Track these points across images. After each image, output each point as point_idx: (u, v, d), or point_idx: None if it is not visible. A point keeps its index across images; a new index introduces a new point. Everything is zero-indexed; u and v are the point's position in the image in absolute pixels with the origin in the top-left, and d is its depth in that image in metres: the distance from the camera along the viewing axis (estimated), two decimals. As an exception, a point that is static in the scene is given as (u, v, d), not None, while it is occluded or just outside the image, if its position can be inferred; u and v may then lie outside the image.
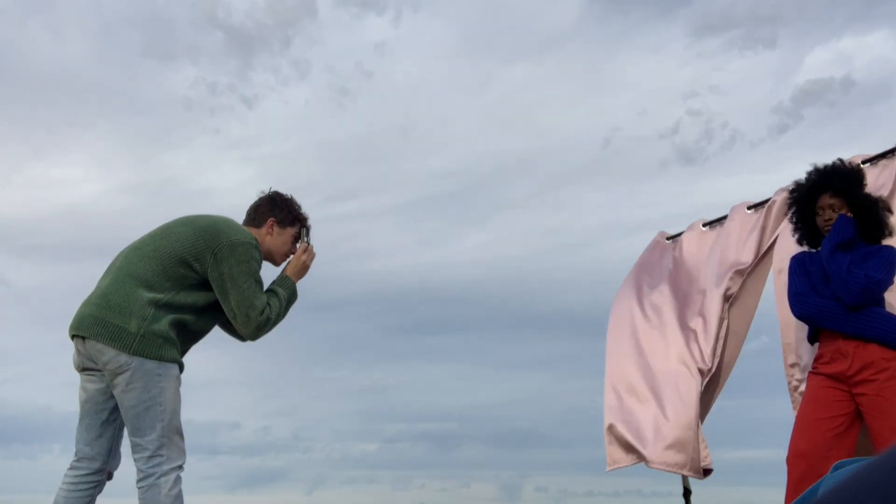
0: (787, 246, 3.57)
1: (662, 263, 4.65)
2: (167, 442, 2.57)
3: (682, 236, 4.64)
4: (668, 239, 4.81)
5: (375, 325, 11.37)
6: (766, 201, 4.05)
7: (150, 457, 2.55)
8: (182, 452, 2.63)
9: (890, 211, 3.14)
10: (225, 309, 2.74)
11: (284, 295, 2.89)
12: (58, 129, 11.16)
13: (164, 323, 2.62)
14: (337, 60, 11.45)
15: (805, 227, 3.22)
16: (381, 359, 11.43)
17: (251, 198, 3.04)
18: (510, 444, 10.59)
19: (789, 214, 3.32)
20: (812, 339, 3.19)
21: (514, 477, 10.01)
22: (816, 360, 3.10)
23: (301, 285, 3.01)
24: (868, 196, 3.12)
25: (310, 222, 3.08)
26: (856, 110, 9.89)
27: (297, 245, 3.04)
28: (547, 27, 11.60)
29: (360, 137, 11.69)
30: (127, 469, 2.75)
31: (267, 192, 3.05)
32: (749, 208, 4.15)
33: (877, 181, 3.43)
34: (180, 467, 2.61)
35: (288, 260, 3.04)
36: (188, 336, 2.78)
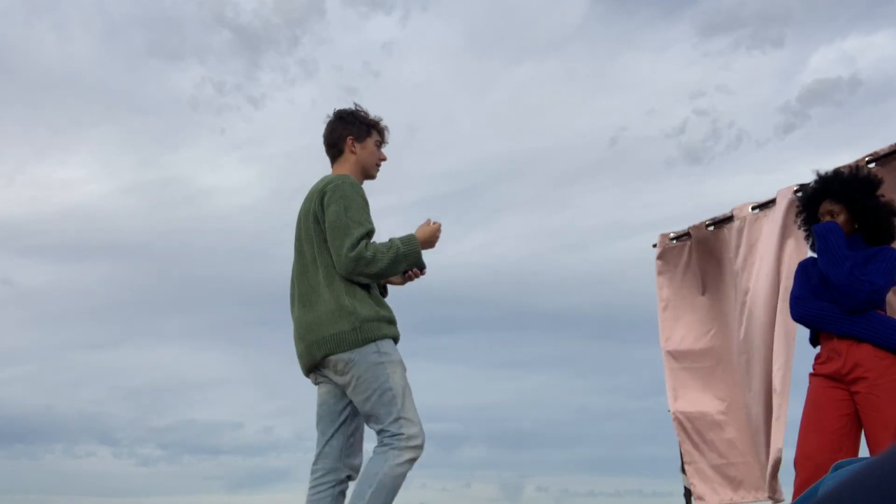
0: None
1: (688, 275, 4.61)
2: (406, 423, 2.60)
3: (692, 239, 4.60)
4: (671, 239, 4.78)
5: (377, 325, 11.32)
6: (771, 202, 4.03)
7: (393, 435, 2.59)
8: (420, 432, 2.63)
9: (894, 214, 3.10)
10: (329, 246, 2.70)
11: (399, 246, 2.75)
12: (62, 129, 11.20)
13: (360, 296, 2.65)
14: (344, 60, 11.47)
15: (810, 233, 3.22)
16: (382, 358, 11.39)
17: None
18: (511, 444, 10.58)
19: (798, 221, 3.32)
20: (813, 341, 3.18)
21: (515, 477, 10.00)
22: (815, 360, 3.11)
23: None
24: (871, 200, 3.06)
25: (384, 123, 3.01)
26: (862, 109, 9.87)
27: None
28: (553, 27, 11.60)
29: (366, 137, 11.65)
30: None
31: (331, 115, 2.99)
32: (753, 208, 4.13)
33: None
34: (416, 448, 2.60)
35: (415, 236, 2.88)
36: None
